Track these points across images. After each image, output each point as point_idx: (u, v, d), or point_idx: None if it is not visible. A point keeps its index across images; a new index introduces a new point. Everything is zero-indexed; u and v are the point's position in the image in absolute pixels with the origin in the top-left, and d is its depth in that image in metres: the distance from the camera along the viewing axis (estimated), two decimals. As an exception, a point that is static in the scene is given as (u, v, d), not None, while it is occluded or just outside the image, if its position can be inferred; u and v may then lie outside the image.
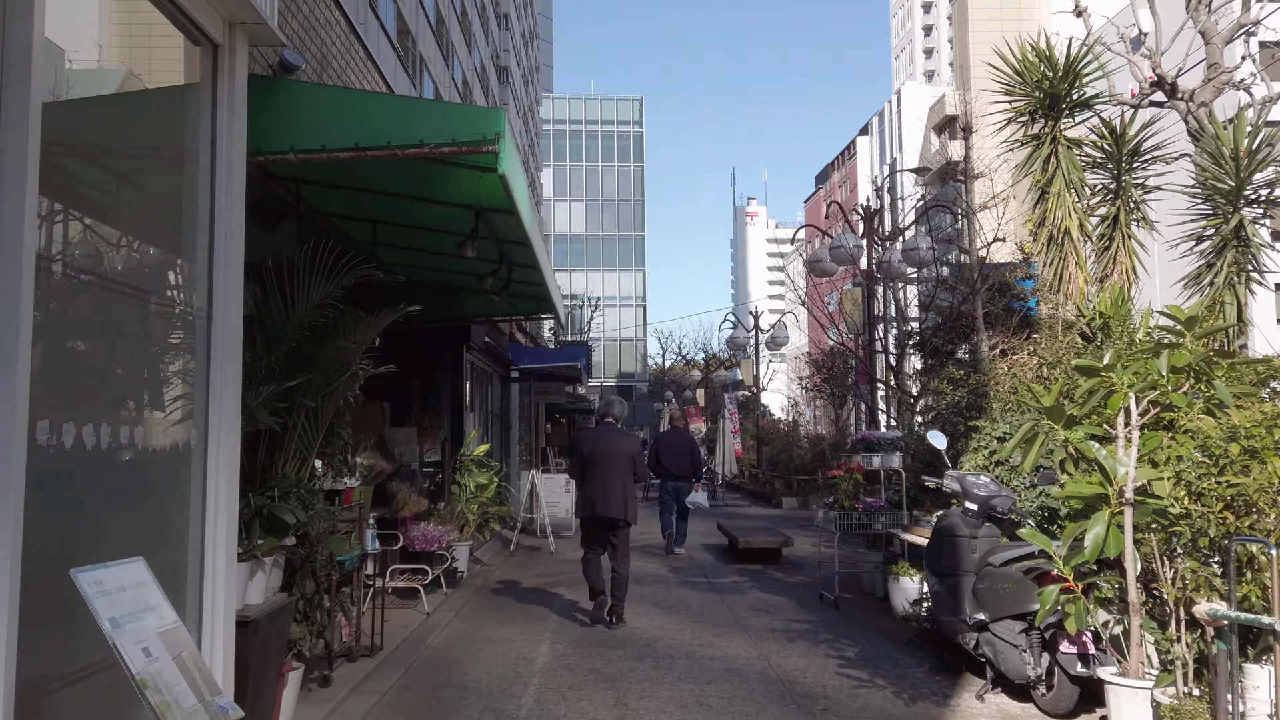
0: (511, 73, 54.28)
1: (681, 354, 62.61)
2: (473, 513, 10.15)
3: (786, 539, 11.54)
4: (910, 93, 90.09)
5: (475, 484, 10.21)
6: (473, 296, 10.02)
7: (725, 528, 13.02)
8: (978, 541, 6.17)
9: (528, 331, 17.60)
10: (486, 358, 12.78)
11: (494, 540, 13.12)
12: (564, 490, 15.15)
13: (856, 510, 8.66)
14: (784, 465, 23.08)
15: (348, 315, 5.21)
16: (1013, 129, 11.55)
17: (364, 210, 7.02)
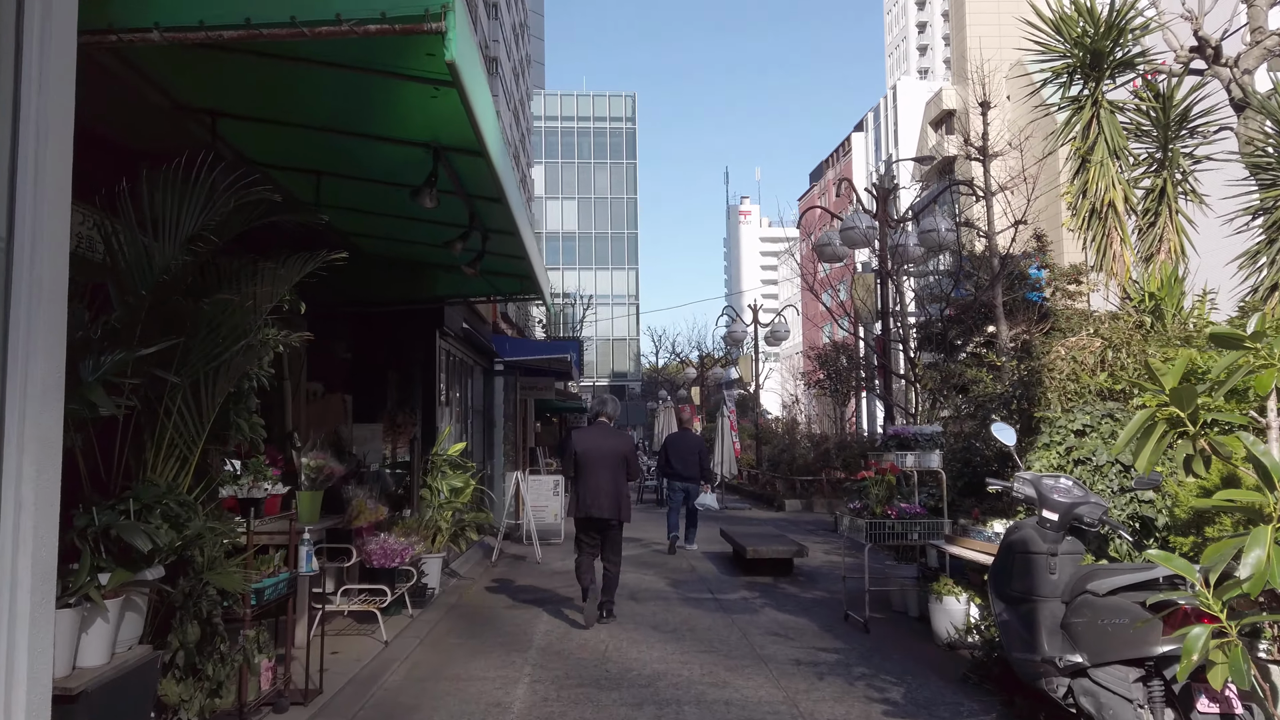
0: (501, 64, 53.02)
1: (675, 352, 61.39)
2: (446, 520, 8.92)
3: (799, 548, 10.33)
4: (906, 88, 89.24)
5: (449, 488, 8.98)
6: (446, 274, 8.79)
7: (729, 534, 11.81)
8: (1058, 560, 4.96)
9: (514, 322, 16.36)
10: (465, 347, 11.54)
11: (474, 549, 11.87)
12: (552, 493, 13.93)
13: (889, 517, 7.45)
14: (786, 466, 21.90)
15: (242, 264, 3.95)
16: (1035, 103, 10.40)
17: (301, 155, 5.78)
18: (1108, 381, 7.04)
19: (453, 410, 10.94)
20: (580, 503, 7.56)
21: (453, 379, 11.08)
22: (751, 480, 25.15)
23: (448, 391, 10.38)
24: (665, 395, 33.44)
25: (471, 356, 12.48)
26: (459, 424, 11.66)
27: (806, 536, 14.42)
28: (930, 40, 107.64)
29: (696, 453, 12.79)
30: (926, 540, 7.45)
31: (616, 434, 7.95)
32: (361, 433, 9.27)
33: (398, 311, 9.21)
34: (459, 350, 11.18)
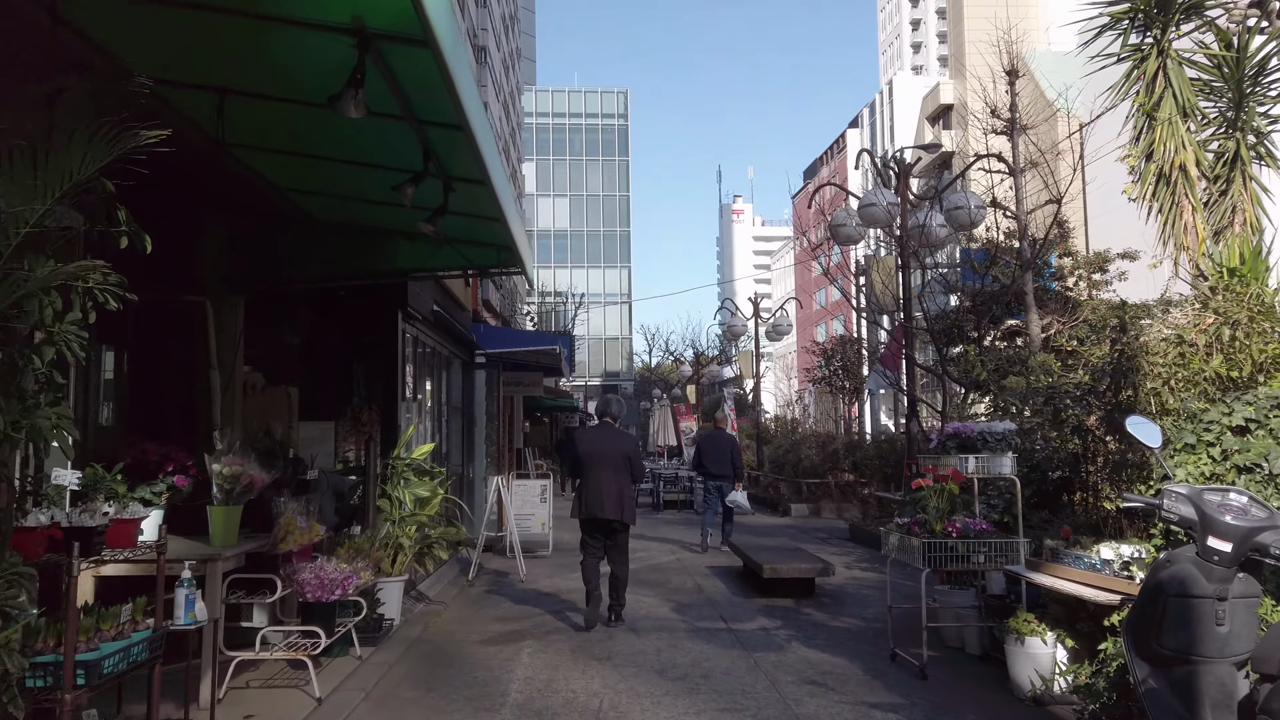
0: (490, 54, 51.49)
1: (669, 350, 60.00)
2: (409, 537, 7.48)
3: (824, 565, 8.90)
4: (902, 83, 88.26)
5: (413, 498, 7.54)
6: (409, 244, 7.36)
7: (739, 546, 10.39)
8: (1229, 606, 3.56)
9: (499, 312, 14.92)
10: (439, 335, 10.09)
11: (449, 565, 10.42)
12: (539, 499, 12.49)
13: (950, 536, 6.03)
14: (790, 468, 20.49)
15: None
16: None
17: (190, 64, 4.33)
18: (1222, 366, 5.66)
19: (422, 406, 9.50)
20: (584, 504, 7.48)
21: (422, 370, 9.65)
22: (752, 482, 23.71)
23: (415, 384, 8.95)
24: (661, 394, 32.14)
25: (447, 346, 11.03)
26: (431, 422, 10.23)
27: (820, 547, 13.02)
28: (924, 37, 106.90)
29: (729, 451, 12.85)
30: (998, 565, 6.03)
31: (620, 434, 7.82)
32: (310, 432, 7.83)
33: (353, 289, 7.76)
34: (430, 337, 9.73)
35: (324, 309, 7.89)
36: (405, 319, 8.15)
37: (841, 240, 13.61)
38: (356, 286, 7.71)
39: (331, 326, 7.91)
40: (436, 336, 9.99)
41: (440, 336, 10.24)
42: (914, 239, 13.00)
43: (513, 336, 13.23)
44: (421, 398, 9.49)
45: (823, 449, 20.57)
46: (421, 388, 9.53)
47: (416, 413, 8.91)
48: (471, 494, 12.74)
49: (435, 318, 9.13)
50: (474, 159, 4.78)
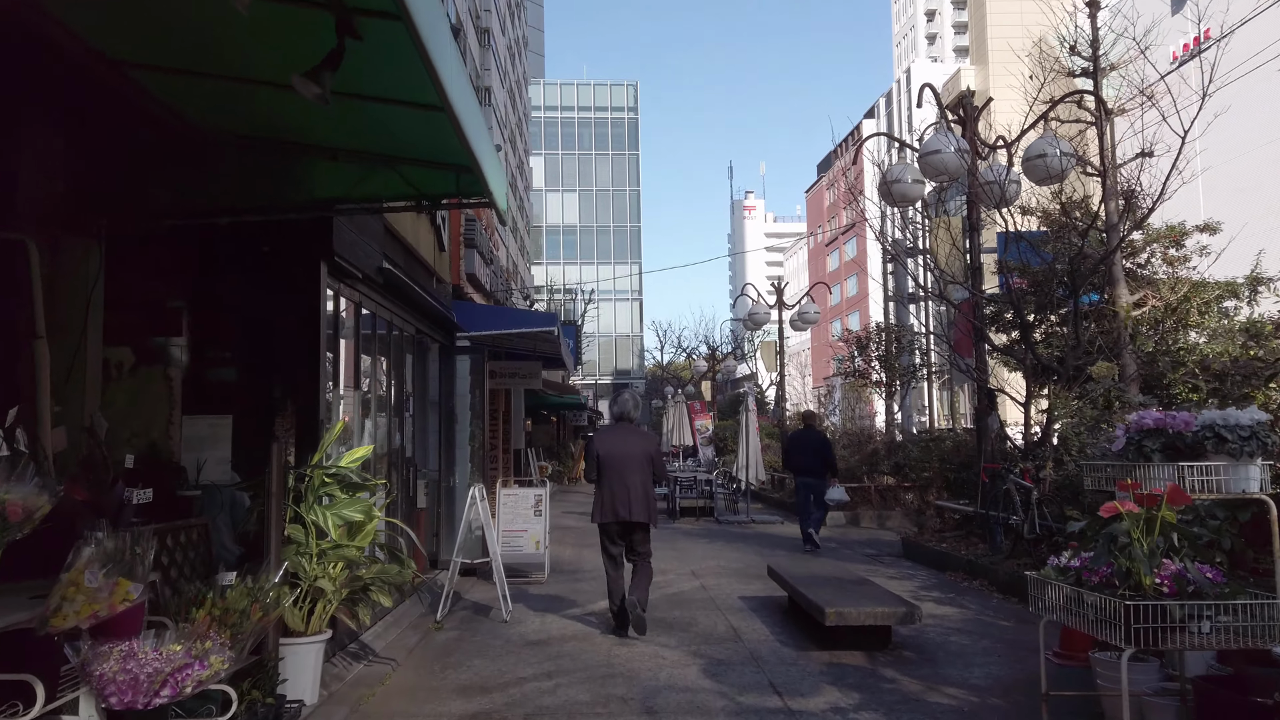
0: (494, 37, 49.34)
1: (681, 346, 57.80)
2: (333, 578, 5.25)
3: (908, 608, 6.60)
4: (920, 71, 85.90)
5: (339, 522, 5.31)
6: (329, 165, 5.12)
7: (783, 574, 8.11)
8: None
9: (490, 292, 12.68)
10: (395, 304, 7.85)
11: (412, 602, 8.21)
12: (533, 512, 10.26)
13: (1164, 592, 3.74)
14: (823, 470, 18.17)
15: None
16: None
17: None
18: None
19: (372, 398, 7.24)
20: (605, 506, 7.25)
21: (373, 351, 7.41)
22: (776, 485, 21.48)
23: (356, 367, 6.71)
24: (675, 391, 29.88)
25: (413, 323, 8.80)
26: (390, 418, 8.00)
27: (872, 567, 10.75)
28: (939, 28, 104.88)
29: (820, 448, 12.71)
30: (1252, 640, 3.74)
31: (642, 434, 7.64)
32: (197, 429, 5.61)
33: (255, 230, 5.53)
34: (384, 308, 7.49)
35: (219, 260, 5.67)
36: (333, 274, 5.92)
37: (895, 200, 11.33)
38: (259, 227, 5.48)
39: (229, 284, 5.68)
40: (393, 307, 7.75)
41: (400, 308, 8.01)
42: (989, 197, 10.69)
43: (501, 316, 11.02)
44: (372, 387, 7.26)
45: (858, 449, 18.27)
46: (373, 374, 7.30)
47: (358, 406, 6.68)
48: (452, 505, 10.52)
49: (387, 280, 6.91)
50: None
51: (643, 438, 7.51)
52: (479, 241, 11.86)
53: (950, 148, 10.28)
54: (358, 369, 6.70)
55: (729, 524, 16.79)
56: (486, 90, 48.16)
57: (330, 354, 6.18)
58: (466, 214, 11.31)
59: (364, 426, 6.91)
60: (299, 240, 5.61)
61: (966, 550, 10.77)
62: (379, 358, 7.56)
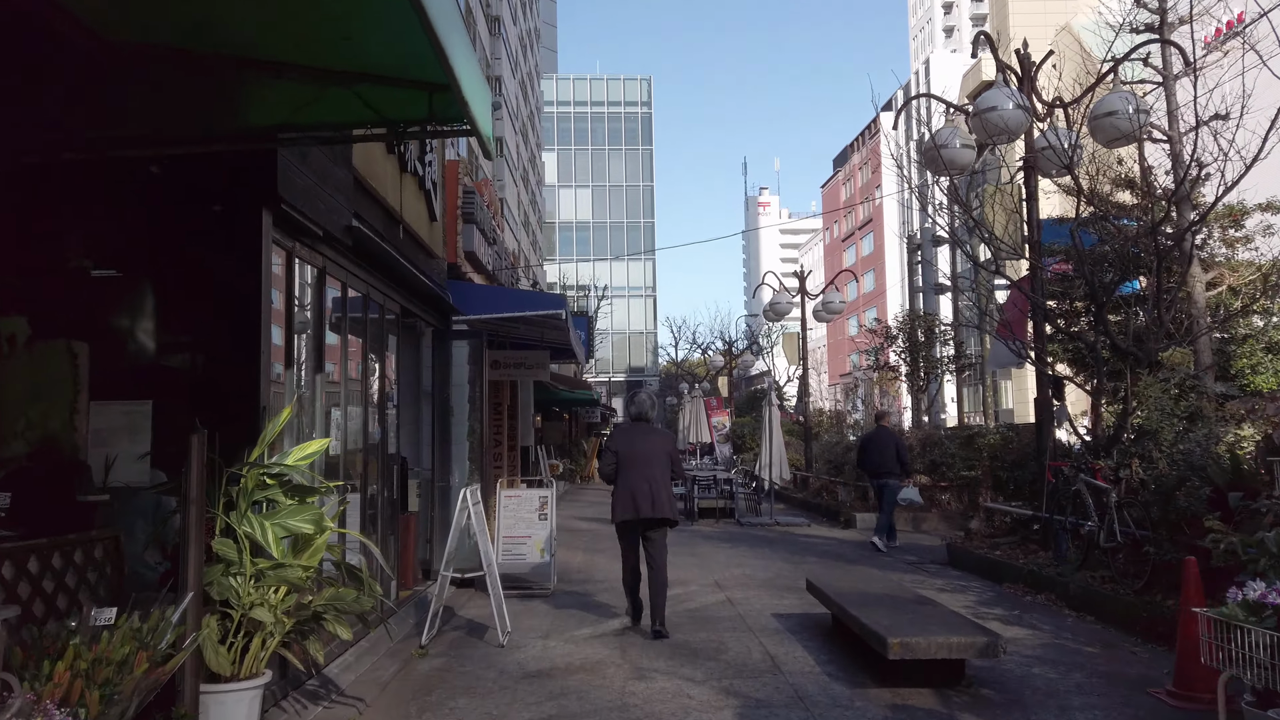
0: (504, 25, 48.32)
1: (696, 342, 56.57)
2: (274, 606, 4.13)
3: (988, 638, 5.40)
4: (940, 62, 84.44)
5: (280, 535, 4.18)
6: (271, 83, 3.98)
7: (827, 591, 6.92)
8: None
9: (491, 273, 11.50)
10: (371, 273, 6.67)
11: (402, 614, 7.09)
12: (536, 516, 9.13)
13: None
14: (853, 469, 16.93)
15: None
16: None
17: None
18: None
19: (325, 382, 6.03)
20: (623, 504, 7.17)
21: (340, 327, 6.24)
22: (800, 485, 20.25)
23: (318, 345, 5.53)
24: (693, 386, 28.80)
25: (397, 299, 7.66)
26: (366, 410, 6.86)
27: (918, 577, 9.56)
28: (957, 21, 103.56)
29: (894, 447, 12.56)
30: None
31: (660, 433, 7.67)
32: (109, 419, 4.50)
33: (179, 168, 4.41)
34: (356, 276, 6.33)
35: (138, 208, 4.54)
36: (283, 228, 4.78)
37: (940, 167, 10.11)
38: (186, 165, 4.36)
39: (151, 238, 4.55)
40: (371, 279, 6.61)
41: (380, 281, 6.86)
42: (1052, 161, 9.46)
43: (499, 297, 9.88)
44: (343, 371, 6.10)
45: (891, 446, 17.02)
46: (343, 356, 6.16)
47: (321, 393, 5.51)
48: (447, 507, 9.39)
49: (358, 243, 5.77)
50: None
51: (661, 436, 7.53)
52: (480, 217, 10.73)
53: (1009, 103, 9.07)
54: (320, 349, 5.57)
55: (751, 526, 15.62)
56: (497, 80, 47.11)
57: (282, 329, 5.05)
58: (465, 185, 10.19)
59: (329, 418, 5.79)
60: (235, 182, 4.48)
61: (1025, 559, 9.56)
62: (351, 337, 6.43)
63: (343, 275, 6.06)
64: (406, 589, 8.30)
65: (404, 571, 8.34)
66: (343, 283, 6.11)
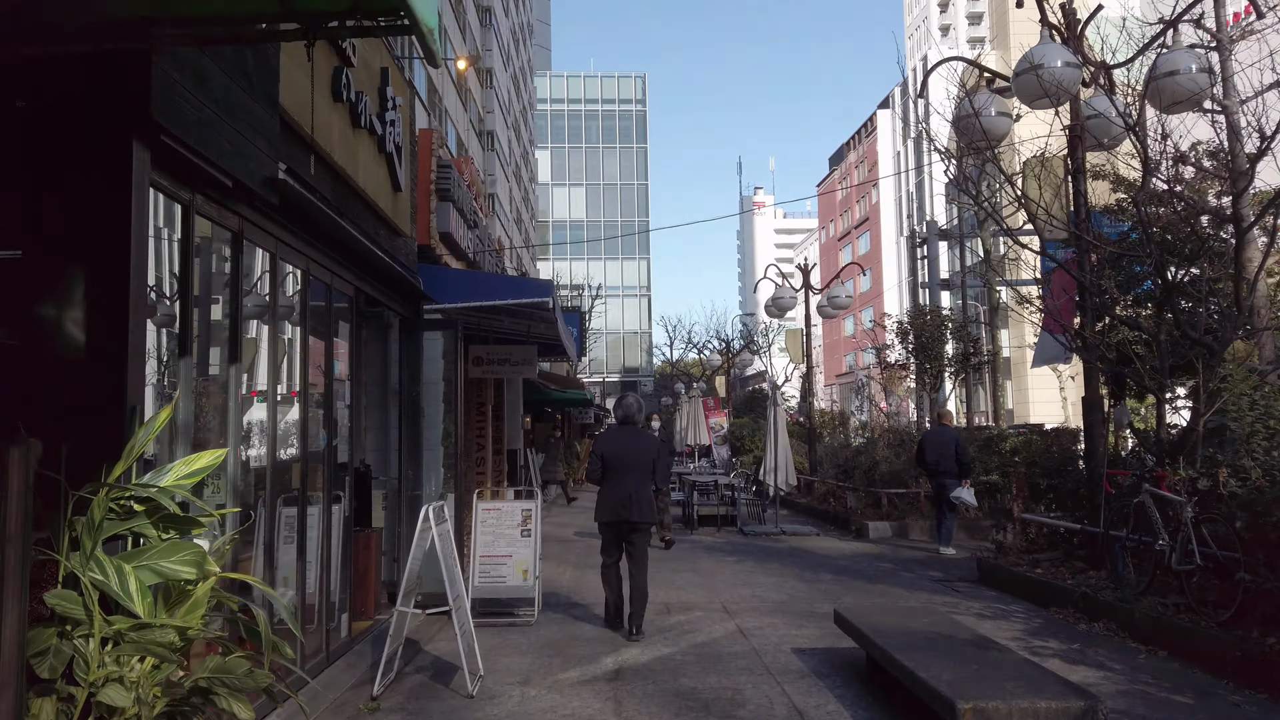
0: (496, 16, 47.13)
1: (692, 342, 55.41)
2: (134, 683, 2.96)
3: (1085, 701, 4.23)
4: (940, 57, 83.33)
5: (145, 584, 3.01)
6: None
7: (864, 629, 5.76)
8: None
9: (472, 260, 10.27)
10: (310, 244, 5.42)
11: (350, 660, 5.93)
12: (519, 532, 7.97)
13: None
14: (863, 473, 15.82)
15: None
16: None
17: None
18: None
19: (239, 374, 4.75)
20: (608, 506, 7.36)
21: (271, 310, 5.00)
22: (805, 490, 19.08)
23: (233, 330, 4.31)
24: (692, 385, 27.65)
25: (352, 278, 6.47)
26: (313, 409, 5.68)
27: (951, 598, 8.40)
28: (953, 19, 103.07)
29: (953, 446, 12.15)
30: None
31: (646, 437, 7.66)
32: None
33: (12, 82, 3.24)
34: (285, 244, 5.10)
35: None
36: (164, 168, 3.60)
37: (973, 136, 8.97)
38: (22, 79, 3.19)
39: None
40: (311, 250, 5.43)
41: (323, 254, 5.68)
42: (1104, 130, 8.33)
43: (478, 283, 8.69)
44: (270, 364, 4.89)
45: (904, 449, 15.90)
46: (272, 345, 4.94)
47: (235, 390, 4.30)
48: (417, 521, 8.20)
49: (287, 201, 4.59)
50: None
51: (647, 441, 7.59)
52: (457, 195, 9.57)
53: (1058, 60, 7.93)
54: (236, 335, 4.40)
55: (755, 536, 14.46)
56: (488, 72, 45.92)
57: (174, 302, 3.89)
58: (440, 158, 9.04)
59: (242, 422, 4.60)
60: (93, 102, 3.31)
61: (1073, 579, 8.43)
62: (284, 322, 5.25)
63: (270, 244, 4.88)
64: (366, 618, 7.14)
65: (363, 598, 7.17)
66: (271, 253, 4.93)
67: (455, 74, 29.09)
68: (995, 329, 19.51)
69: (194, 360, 3.92)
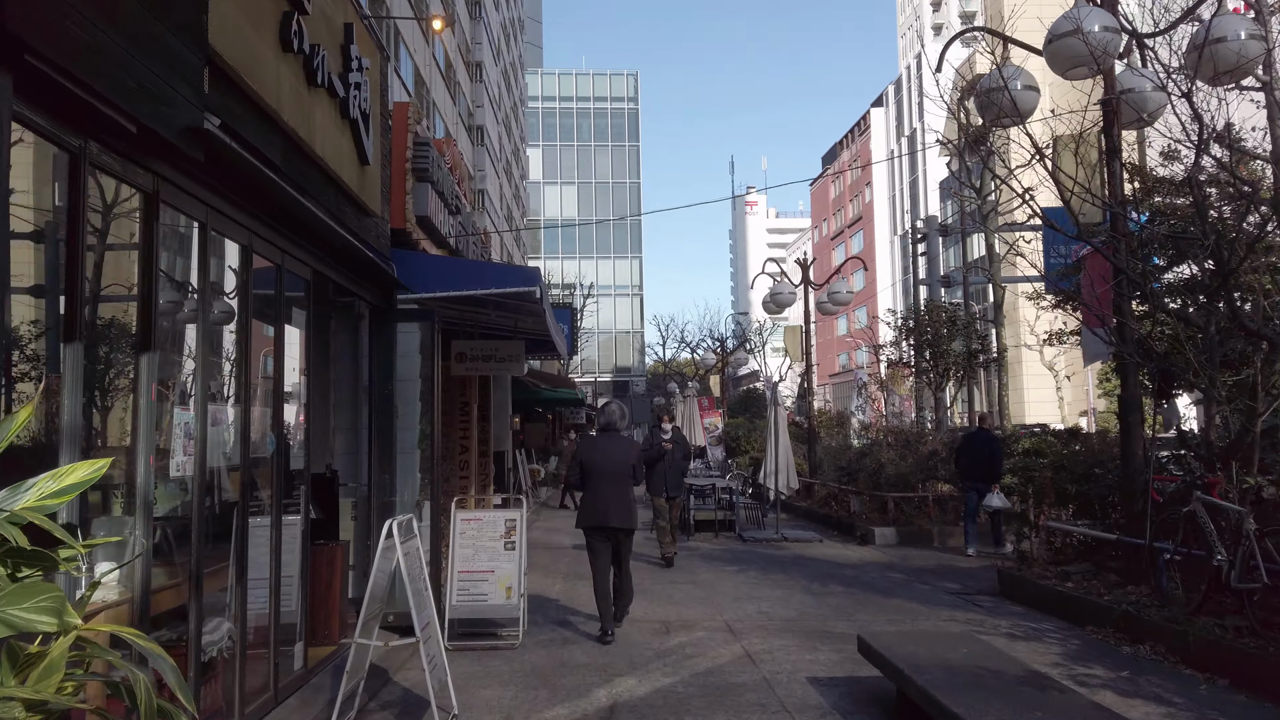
0: (485, 9, 46.31)
1: (685, 341, 54.71)
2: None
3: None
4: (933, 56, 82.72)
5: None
6: None
7: (898, 664, 5.01)
8: None
9: (454, 248, 9.47)
10: (248, 210, 4.58)
11: (306, 695, 5.14)
12: (502, 545, 7.21)
13: None
14: (867, 476, 15.07)
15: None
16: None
17: None
18: None
19: (154, 362, 3.88)
20: (591, 512, 7.39)
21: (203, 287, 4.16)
22: (804, 493, 18.29)
23: (145, 309, 3.53)
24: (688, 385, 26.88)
25: (309, 258, 5.67)
26: (255, 406, 4.89)
27: (970, 614, 7.66)
28: (945, 19, 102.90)
29: (987, 450, 11.91)
30: None
31: (626, 442, 7.77)
32: None
33: None
34: (217, 211, 4.26)
35: None
36: (37, 102, 2.83)
37: (995, 111, 8.23)
38: None
39: None
40: (253, 223, 4.64)
41: (270, 228, 4.89)
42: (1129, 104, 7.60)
43: (457, 270, 7.90)
44: (199, 352, 4.08)
45: (910, 451, 15.17)
46: (200, 329, 4.13)
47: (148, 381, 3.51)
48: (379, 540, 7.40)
49: (216, 156, 3.79)
50: None
51: (627, 446, 7.69)
52: (437, 177, 8.79)
53: (1095, 25, 7.20)
54: (148, 319, 3.60)
55: (756, 543, 13.70)
56: (478, 65, 45.08)
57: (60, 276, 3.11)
58: (417, 135, 8.25)
59: (166, 424, 3.83)
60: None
61: (1108, 594, 7.69)
62: (217, 299, 4.44)
63: (198, 211, 4.10)
64: (329, 643, 6.35)
65: (325, 620, 6.38)
66: (201, 223, 4.15)
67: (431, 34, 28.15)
68: (1000, 326, 18.80)
69: (81, 348, 3.13)
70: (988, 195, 18.84)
